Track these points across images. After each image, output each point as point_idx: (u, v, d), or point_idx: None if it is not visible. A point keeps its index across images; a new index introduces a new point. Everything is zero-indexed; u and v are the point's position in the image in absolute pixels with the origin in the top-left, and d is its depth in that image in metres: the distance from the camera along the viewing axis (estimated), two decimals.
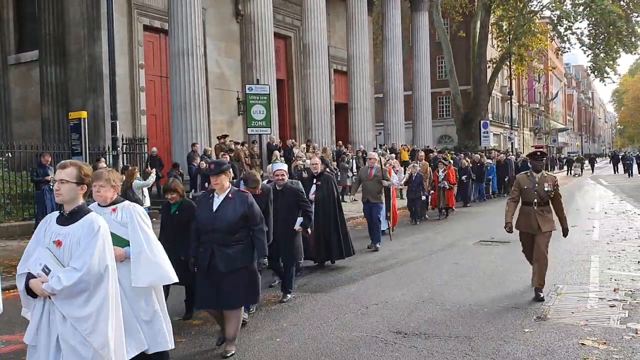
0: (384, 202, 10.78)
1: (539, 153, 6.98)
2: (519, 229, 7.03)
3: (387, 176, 10.67)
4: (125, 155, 15.08)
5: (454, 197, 16.38)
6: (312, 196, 8.46)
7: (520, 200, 6.97)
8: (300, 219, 7.18)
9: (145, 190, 11.07)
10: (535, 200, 6.73)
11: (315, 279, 8.24)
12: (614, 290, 6.88)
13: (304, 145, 20.03)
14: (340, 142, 23.15)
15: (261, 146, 18.46)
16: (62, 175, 3.19)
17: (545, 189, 6.71)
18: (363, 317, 6.15)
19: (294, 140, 20.85)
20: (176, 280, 4.04)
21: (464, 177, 18.21)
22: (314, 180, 8.76)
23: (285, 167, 7.63)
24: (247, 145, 18.14)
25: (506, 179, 22.47)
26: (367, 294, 7.16)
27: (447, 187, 15.62)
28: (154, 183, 12.47)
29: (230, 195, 5.00)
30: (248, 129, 18.41)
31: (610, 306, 6.23)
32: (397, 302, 6.70)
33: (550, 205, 6.85)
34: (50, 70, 17.39)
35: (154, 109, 18.72)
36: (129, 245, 3.83)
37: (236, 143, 17.78)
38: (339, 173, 18.38)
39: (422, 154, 17.93)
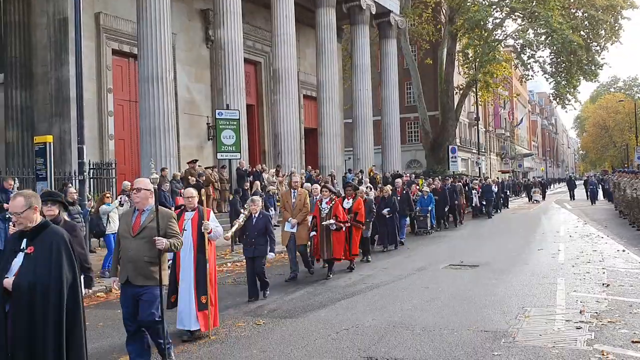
0: (161, 280, 5.17)
1: None
2: None
3: (173, 229, 5.29)
4: (92, 180, 14.83)
5: (354, 243, 10.89)
6: (7, 281, 3.80)
7: None
8: None
9: (114, 215, 10.89)
10: None
11: (286, 304, 8.18)
12: (580, 312, 6.99)
13: (273, 171, 20.01)
14: (310, 166, 23.23)
15: (231, 171, 18.37)
16: None
17: None
18: (333, 343, 6.11)
19: (263, 165, 20.81)
20: None
21: (385, 211, 13.78)
22: (22, 244, 3.94)
23: None
24: (216, 169, 18.05)
25: (446, 209, 19.97)
26: (338, 319, 7.13)
27: (334, 227, 10.16)
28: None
29: None
30: (218, 153, 18.33)
31: (577, 328, 6.32)
32: (367, 327, 6.68)
33: None
34: (16, 94, 17.09)
35: (122, 134, 18.50)
36: None
37: (206, 168, 17.71)
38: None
39: (297, 179, 12.07)
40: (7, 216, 8.34)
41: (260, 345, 6.10)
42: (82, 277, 4.66)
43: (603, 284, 8.84)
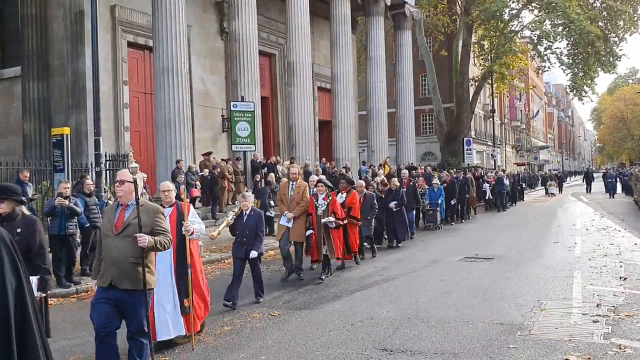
0: (149, 285, 4.62)
1: None
2: None
3: (161, 225, 4.69)
4: (108, 171, 14.95)
5: (351, 240, 10.27)
6: None
7: None
8: None
9: None
10: None
11: (300, 295, 8.21)
12: (597, 306, 6.93)
13: (287, 163, 20.02)
14: (325, 159, 23.22)
15: (245, 163, 18.43)
16: None
17: None
18: (348, 334, 6.13)
19: (277, 157, 20.83)
20: None
21: (392, 204, 13.21)
22: None
23: None
24: (231, 161, 18.12)
25: (452, 202, 19.05)
26: (353, 311, 7.15)
27: (333, 225, 9.41)
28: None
29: None
30: (233, 145, 18.38)
31: (594, 321, 6.28)
32: (383, 319, 6.69)
33: None
34: (33, 86, 17.25)
35: (138, 126, 18.61)
36: None
37: (221, 160, 17.79)
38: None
39: (294, 169, 10.12)
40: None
41: (275, 336, 6.14)
42: (37, 278, 4.48)
43: (620, 278, 8.76)
